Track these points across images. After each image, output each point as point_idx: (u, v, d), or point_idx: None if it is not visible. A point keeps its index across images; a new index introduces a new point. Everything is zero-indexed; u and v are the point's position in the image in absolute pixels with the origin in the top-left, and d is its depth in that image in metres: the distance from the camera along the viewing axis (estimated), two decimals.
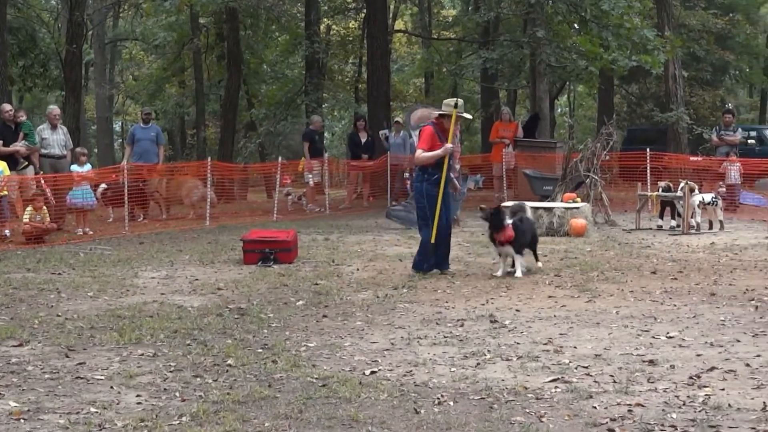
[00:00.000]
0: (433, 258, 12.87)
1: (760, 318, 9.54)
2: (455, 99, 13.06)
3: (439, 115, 13.13)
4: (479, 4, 35.43)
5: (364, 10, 36.02)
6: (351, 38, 43.57)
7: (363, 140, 26.52)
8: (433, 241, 12.63)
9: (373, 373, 7.44)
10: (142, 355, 8.08)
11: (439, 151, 12.59)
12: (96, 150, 46.26)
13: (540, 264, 13.25)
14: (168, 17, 36.28)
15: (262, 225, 19.55)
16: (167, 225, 20.76)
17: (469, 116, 13.08)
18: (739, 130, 26.33)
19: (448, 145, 12.67)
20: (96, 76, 46.16)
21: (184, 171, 25.45)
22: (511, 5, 32.45)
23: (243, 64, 35.39)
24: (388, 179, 25.47)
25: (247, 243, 14.34)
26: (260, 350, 8.23)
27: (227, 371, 7.48)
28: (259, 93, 42.06)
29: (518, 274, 12.56)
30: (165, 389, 6.97)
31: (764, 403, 6.41)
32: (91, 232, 18.71)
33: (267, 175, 28.37)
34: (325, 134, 44.95)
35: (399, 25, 51.03)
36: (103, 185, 20.66)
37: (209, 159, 22.96)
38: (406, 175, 25.46)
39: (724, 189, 21.53)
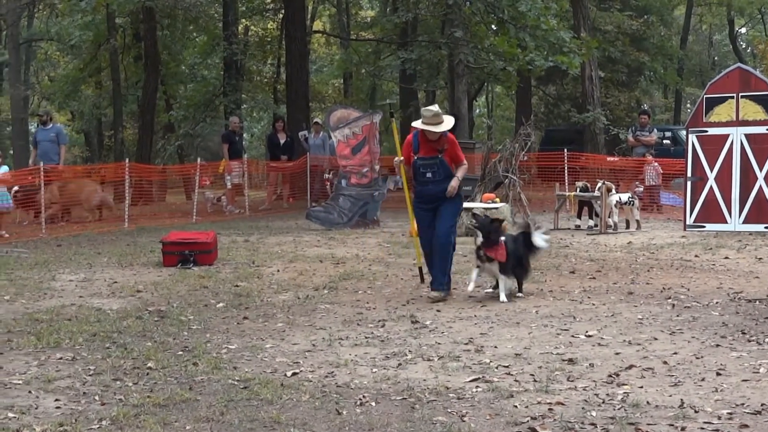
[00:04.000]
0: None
1: (677, 316, 9.67)
2: (430, 107, 11.50)
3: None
4: (397, 5, 35.55)
5: (282, 11, 35.97)
6: (269, 39, 43.44)
7: (282, 141, 26.48)
8: (418, 264, 11.90)
9: (294, 374, 7.41)
10: (61, 359, 7.98)
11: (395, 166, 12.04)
12: (11, 152, 45.63)
13: (521, 294, 11.35)
14: (84, 17, 35.84)
15: (182, 227, 19.42)
16: (85, 227, 20.53)
17: (434, 129, 11.19)
18: (655, 130, 26.65)
19: (395, 159, 11.90)
20: (11, 77, 45.48)
21: (102, 172, 25.20)
22: (429, 6, 32.61)
23: (161, 65, 35.12)
24: (307, 180, 25.45)
25: (166, 245, 14.22)
26: (181, 353, 8.17)
27: (147, 374, 7.42)
28: (178, 94, 41.76)
29: (503, 298, 10.93)
30: (84, 393, 6.89)
31: (681, 400, 6.49)
32: (7, 235, 18.43)
33: (186, 176, 28.22)
34: (244, 135, 44.77)
35: (317, 25, 51.03)
36: (15, 187, 20.34)
37: (127, 160, 22.74)
38: (326, 175, 25.47)
39: (641, 189, 21.79)
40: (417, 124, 11.47)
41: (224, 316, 10.03)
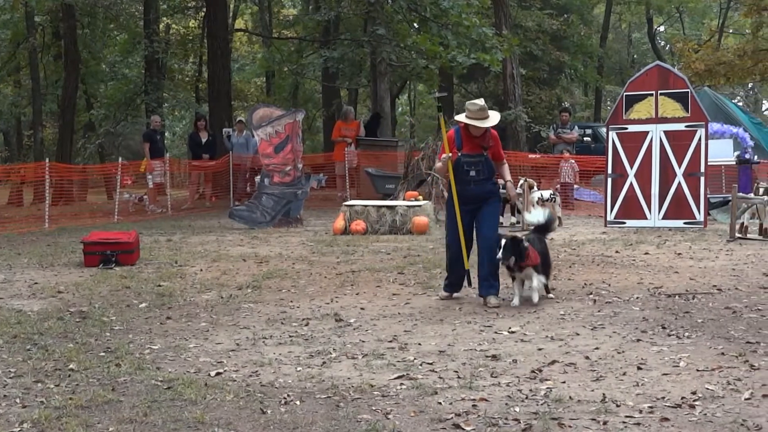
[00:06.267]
0: (454, 277, 11.05)
1: (598, 311, 9.77)
2: (475, 101, 10.88)
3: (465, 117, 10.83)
4: (320, 3, 35.53)
5: (204, 9, 35.78)
6: (191, 37, 43.23)
7: (204, 140, 26.33)
8: (467, 267, 10.98)
9: (218, 374, 7.39)
10: None
11: (438, 164, 11.15)
12: None
13: (551, 295, 10.96)
14: (2, 15, 35.43)
15: (103, 226, 19.25)
16: (4, 228, 20.27)
17: (480, 124, 10.68)
18: (576, 127, 26.96)
19: (444, 155, 10.89)
20: None
21: (22, 172, 24.91)
22: (351, 4, 32.61)
23: (81, 64, 34.78)
24: (230, 179, 25.34)
25: (87, 245, 14.07)
26: (103, 354, 8.10)
27: (69, 376, 7.35)
28: (98, 93, 41.39)
29: (536, 299, 10.43)
30: (5, 396, 6.81)
31: (603, 394, 6.57)
32: None
33: (107, 176, 27.99)
34: (166, 134, 44.50)
35: (239, 24, 50.83)
36: None
37: (47, 160, 22.49)
38: (248, 175, 25.40)
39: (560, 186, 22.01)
40: (461, 118, 10.89)
41: (147, 316, 9.96)
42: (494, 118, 10.83)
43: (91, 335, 8.91)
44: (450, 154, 10.78)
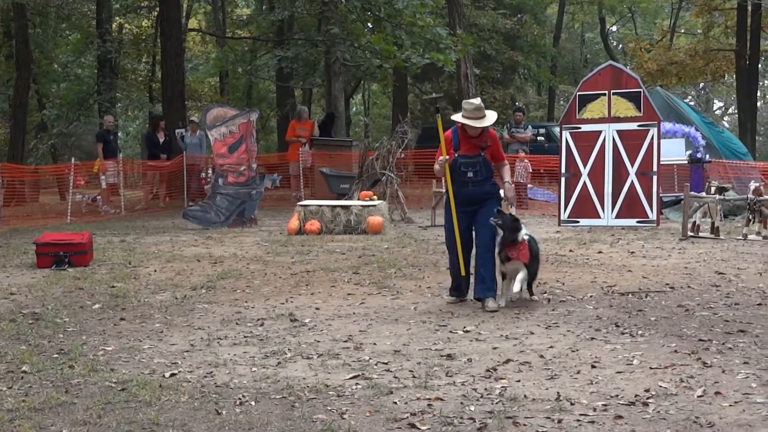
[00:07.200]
0: (461, 281, 10.73)
1: (552, 310, 9.81)
2: (472, 100, 10.65)
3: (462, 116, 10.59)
4: (273, 3, 35.48)
5: (157, 9, 35.63)
6: (144, 37, 43.02)
7: (161, 140, 26.21)
8: (463, 273, 10.68)
9: (173, 375, 7.36)
10: None
11: (435, 166, 10.89)
12: None
13: (535, 297, 10.80)
14: None
15: (56, 227, 19.10)
16: None
17: (475, 124, 10.49)
18: (530, 127, 27.06)
19: (441, 158, 10.70)
20: None
21: None
22: (305, 4, 32.61)
23: (33, 64, 34.49)
24: (184, 179, 25.23)
25: (40, 246, 13.95)
26: (56, 355, 8.04)
27: (22, 378, 7.29)
28: (51, 93, 41.09)
29: (517, 287, 10.19)
30: None
31: (558, 393, 6.60)
32: None
33: (60, 176, 27.79)
34: (120, 134, 44.26)
35: (193, 23, 50.66)
36: None
37: None
38: (203, 174, 25.30)
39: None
40: (457, 117, 10.66)
41: (100, 317, 9.90)
42: (491, 117, 10.66)
43: (44, 337, 8.85)
44: (447, 157, 10.65)
